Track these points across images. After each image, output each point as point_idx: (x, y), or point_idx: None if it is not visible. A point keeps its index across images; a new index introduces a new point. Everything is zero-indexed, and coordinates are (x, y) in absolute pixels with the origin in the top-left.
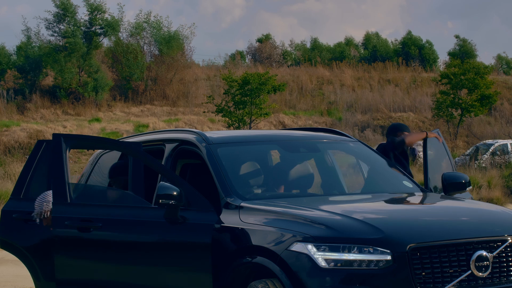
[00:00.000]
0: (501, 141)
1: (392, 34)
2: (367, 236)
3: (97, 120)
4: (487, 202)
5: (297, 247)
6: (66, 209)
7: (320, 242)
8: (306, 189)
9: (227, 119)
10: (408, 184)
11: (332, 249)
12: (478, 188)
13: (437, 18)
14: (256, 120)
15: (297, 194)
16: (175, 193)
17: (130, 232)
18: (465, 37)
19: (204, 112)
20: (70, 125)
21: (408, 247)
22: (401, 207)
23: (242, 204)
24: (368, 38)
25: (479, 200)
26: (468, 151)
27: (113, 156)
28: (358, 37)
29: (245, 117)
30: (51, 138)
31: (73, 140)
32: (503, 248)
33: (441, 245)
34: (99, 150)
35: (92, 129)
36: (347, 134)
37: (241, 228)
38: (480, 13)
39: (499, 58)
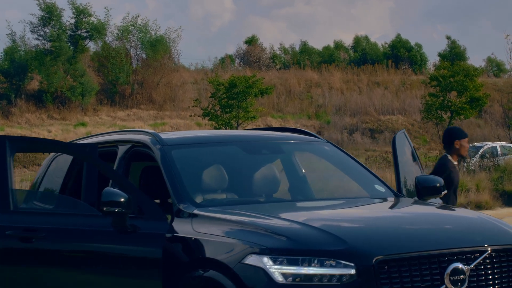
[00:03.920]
0: (490, 144)
1: (382, 37)
2: (329, 247)
3: (83, 124)
4: (475, 206)
5: (252, 260)
6: (8, 218)
7: (277, 254)
8: (269, 194)
9: (213, 122)
10: (380, 188)
11: (290, 262)
12: (466, 191)
13: (427, 21)
14: (243, 124)
15: (257, 200)
16: (122, 199)
17: (76, 242)
18: (455, 39)
19: (191, 116)
20: (55, 130)
21: (374, 259)
22: (369, 214)
23: (196, 211)
24: (357, 41)
25: (467, 204)
26: None
27: (67, 159)
28: (348, 41)
29: (232, 121)
30: None
31: (19, 142)
32: (481, 259)
33: (411, 257)
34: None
35: (77, 134)
36: (315, 134)
37: (193, 238)
38: (469, 17)
39: (489, 60)
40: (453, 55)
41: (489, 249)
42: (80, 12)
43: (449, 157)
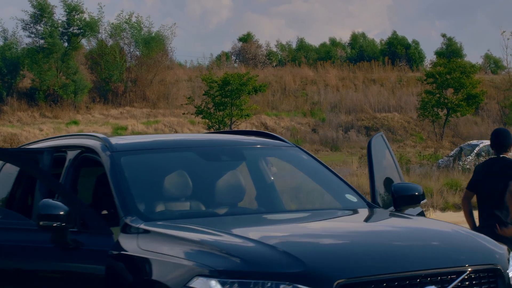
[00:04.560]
0: (486, 142)
1: (379, 34)
2: (285, 269)
3: (75, 122)
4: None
5: (198, 283)
6: None
7: (226, 277)
8: (233, 204)
9: (207, 120)
10: (351, 198)
11: (242, 286)
12: (461, 191)
13: (425, 18)
14: (237, 122)
15: (214, 212)
16: (61, 212)
17: (11, 260)
18: (451, 36)
19: (184, 113)
20: (47, 128)
21: (335, 283)
22: (334, 229)
23: (143, 226)
24: (354, 38)
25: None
26: (452, 152)
27: None
28: (346, 38)
29: (225, 119)
30: (26, 141)
31: None
32: (459, 281)
33: (378, 280)
34: None
35: (69, 132)
36: (282, 138)
37: (139, 256)
38: (467, 13)
39: (487, 57)
40: (450, 52)
41: (468, 269)
42: (72, 9)
43: None
